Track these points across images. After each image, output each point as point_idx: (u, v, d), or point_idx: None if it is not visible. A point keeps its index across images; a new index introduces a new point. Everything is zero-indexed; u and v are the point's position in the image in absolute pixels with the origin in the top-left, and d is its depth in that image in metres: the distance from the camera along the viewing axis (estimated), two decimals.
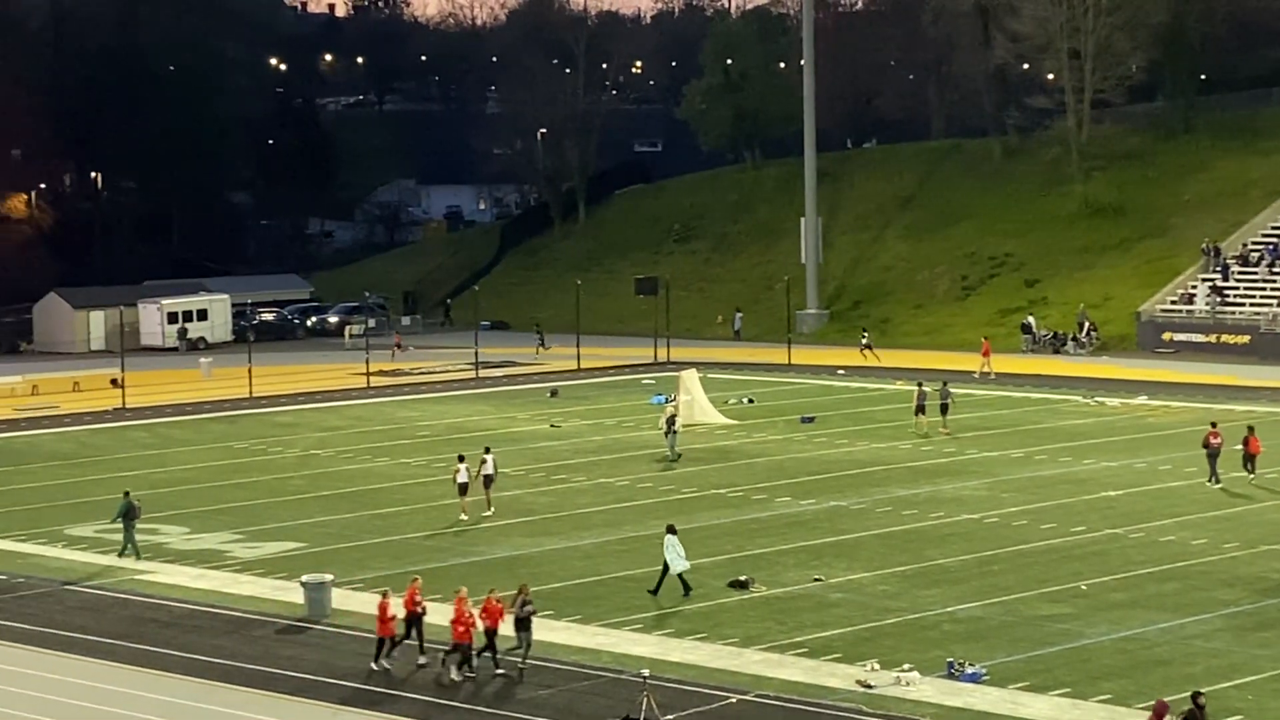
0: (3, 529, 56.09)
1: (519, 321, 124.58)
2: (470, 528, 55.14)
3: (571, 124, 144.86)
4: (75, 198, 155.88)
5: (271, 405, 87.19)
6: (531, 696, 37.03)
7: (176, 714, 36.43)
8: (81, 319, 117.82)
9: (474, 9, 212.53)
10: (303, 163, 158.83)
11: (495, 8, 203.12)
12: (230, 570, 49.74)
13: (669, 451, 67.55)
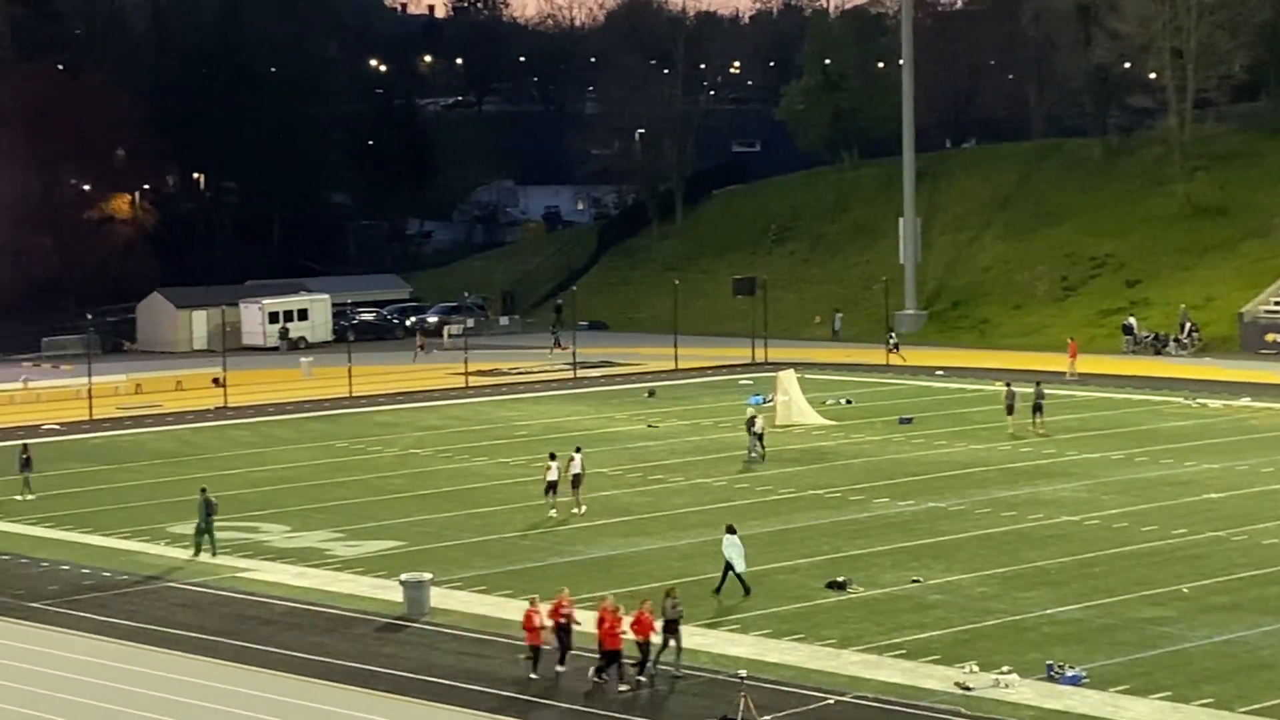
0: (107, 527, 56.62)
1: (617, 322, 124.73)
2: (565, 526, 55.21)
3: (670, 124, 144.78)
4: (178, 198, 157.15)
5: (371, 405, 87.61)
6: (629, 697, 37.05)
7: (277, 711, 36.65)
8: (184, 318, 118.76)
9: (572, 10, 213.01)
10: (402, 163, 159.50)
11: (594, 8, 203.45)
12: (330, 568, 50.01)
13: (749, 453, 67.43)
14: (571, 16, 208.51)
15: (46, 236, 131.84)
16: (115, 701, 37.38)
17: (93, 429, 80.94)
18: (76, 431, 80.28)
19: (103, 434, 79.55)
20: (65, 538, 55.35)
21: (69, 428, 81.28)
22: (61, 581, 49.12)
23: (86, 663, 40.47)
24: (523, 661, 38.74)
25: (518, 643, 41.10)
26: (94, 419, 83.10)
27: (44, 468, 68.64)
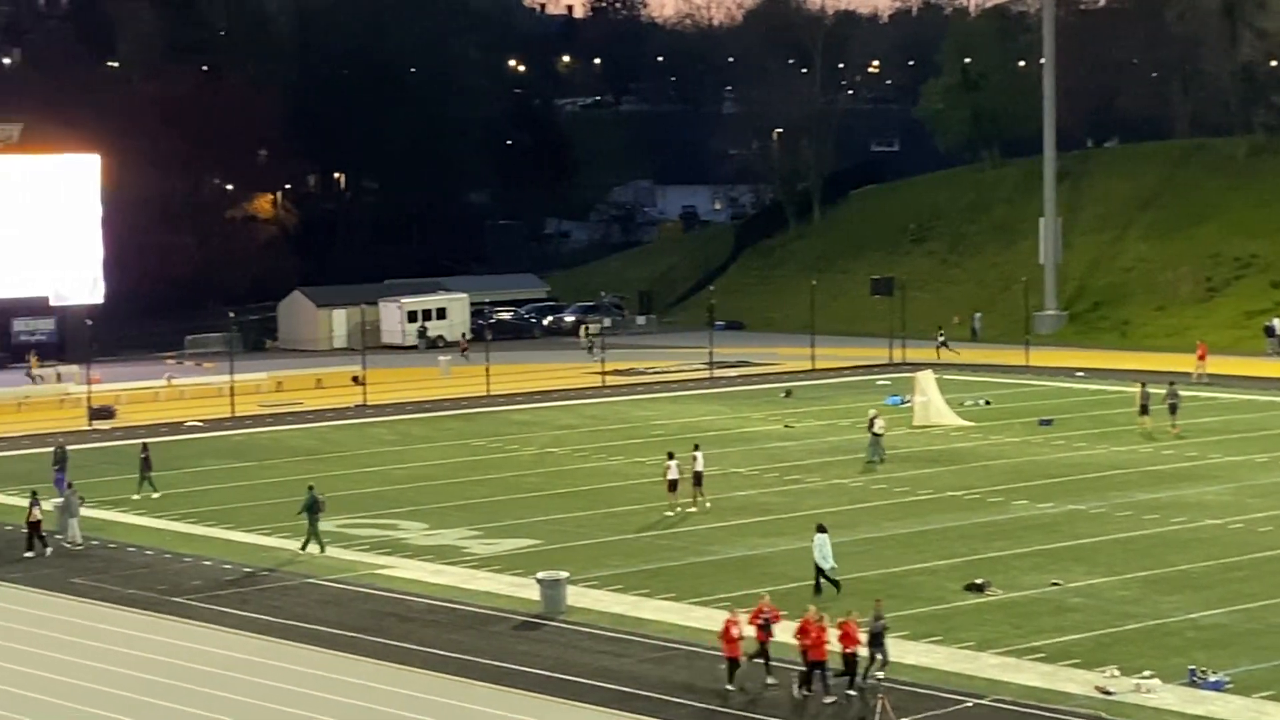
0: (248, 523, 57.18)
1: (754, 322, 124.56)
2: (702, 526, 55.15)
3: (808, 124, 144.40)
4: (319, 198, 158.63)
5: (508, 403, 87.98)
6: (768, 695, 36.97)
7: (415, 707, 36.85)
8: (324, 317, 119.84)
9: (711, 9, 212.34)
10: (540, 163, 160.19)
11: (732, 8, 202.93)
12: (467, 566, 50.24)
13: (869, 454, 67.08)
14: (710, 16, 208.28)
15: (190, 236, 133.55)
16: (255, 696, 37.73)
17: (234, 426, 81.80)
18: (219, 428, 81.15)
19: (244, 431, 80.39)
20: (208, 534, 55.97)
21: (211, 425, 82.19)
22: (204, 577, 49.67)
23: (228, 657, 40.89)
24: (743, 671, 37.71)
25: (653, 641, 41.21)
26: (236, 416, 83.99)
27: (187, 464, 69.60)
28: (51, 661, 40.83)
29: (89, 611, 45.92)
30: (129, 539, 55.15)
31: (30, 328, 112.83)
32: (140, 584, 48.71)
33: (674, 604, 44.92)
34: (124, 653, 41.49)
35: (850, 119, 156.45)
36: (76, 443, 75.86)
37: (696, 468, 58.33)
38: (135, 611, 45.65)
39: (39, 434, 78.78)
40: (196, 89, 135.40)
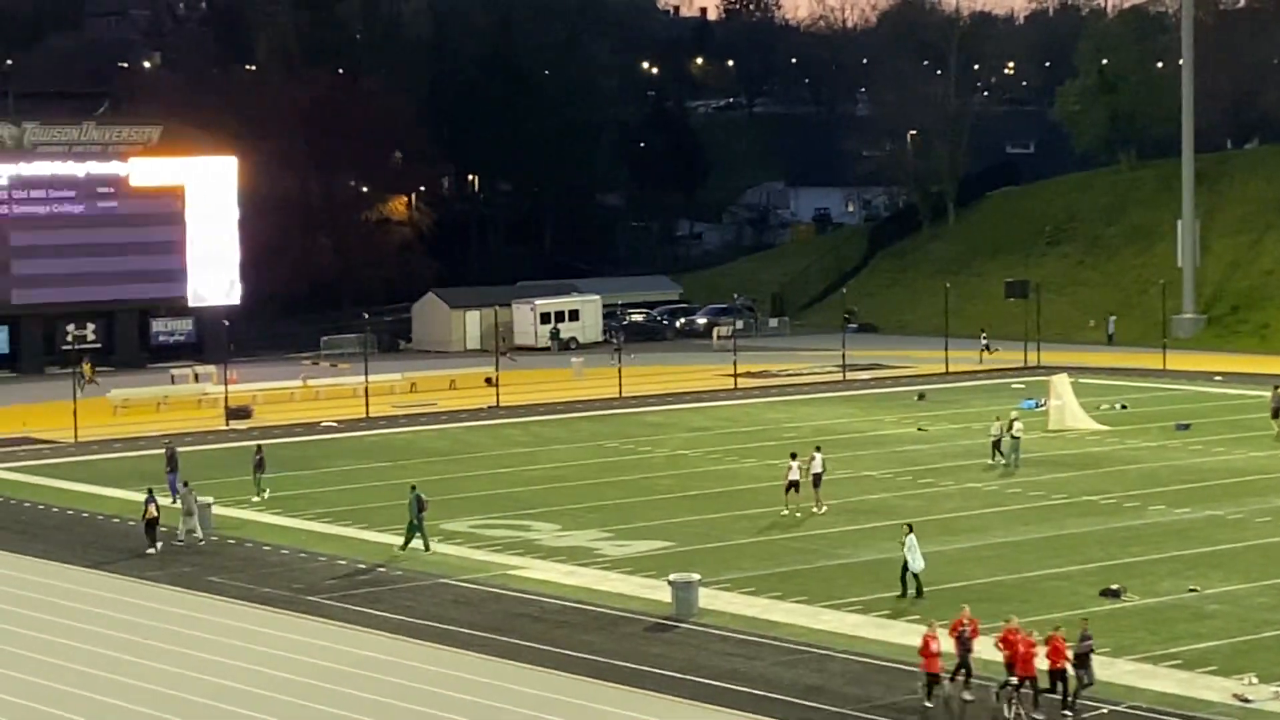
0: (383, 523, 57.54)
1: (887, 324, 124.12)
2: (835, 529, 55.00)
3: (942, 125, 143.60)
4: (453, 200, 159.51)
5: (641, 405, 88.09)
6: (899, 701, 36.81)
7: (547, 707, 36.98)
8: (458, 318, 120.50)
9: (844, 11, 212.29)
10: (673, 165, 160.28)
11: (866, 9, 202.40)
12: (599, 567, 50.34)
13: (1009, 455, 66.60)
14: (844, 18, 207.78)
15: (326, 237, 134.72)
16: (388, 695, 37.99)
17: (369, 426, 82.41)
18: (354, 429, 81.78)
19: (378, 431, 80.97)
20: (342, 533, 56.41)
21: (346, 425, 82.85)
22: (338, 576, 50.09)
23: (361, 656, 41.19)
24: (937, 687, 36.81)
25: (785, 644, 41.13)
26: (370, 417, 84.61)
27: (322, 464, 70.21)
28: (190, 659, 41.31)
29: (226, 610, 46.42)
30: (265, 538, 55.70)
31: (168, 329, 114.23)
32: (276, 583, 49.18)
33: (806, 607, 44.83)
34: (260, 651, 41.90)
35: (985, 121, 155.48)
36: (214, 442, 76.77)
37: (815, 469, 58.46)
38: (271, 610, 46.10)
39: (177, 433, 79.72)
40: (332, 91, 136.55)
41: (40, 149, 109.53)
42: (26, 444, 78.05)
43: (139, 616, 45.82)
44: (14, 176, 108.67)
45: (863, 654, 40.24)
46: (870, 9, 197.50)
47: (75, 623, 45.18)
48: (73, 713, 36.90)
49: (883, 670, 38.94)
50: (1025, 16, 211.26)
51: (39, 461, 72.91)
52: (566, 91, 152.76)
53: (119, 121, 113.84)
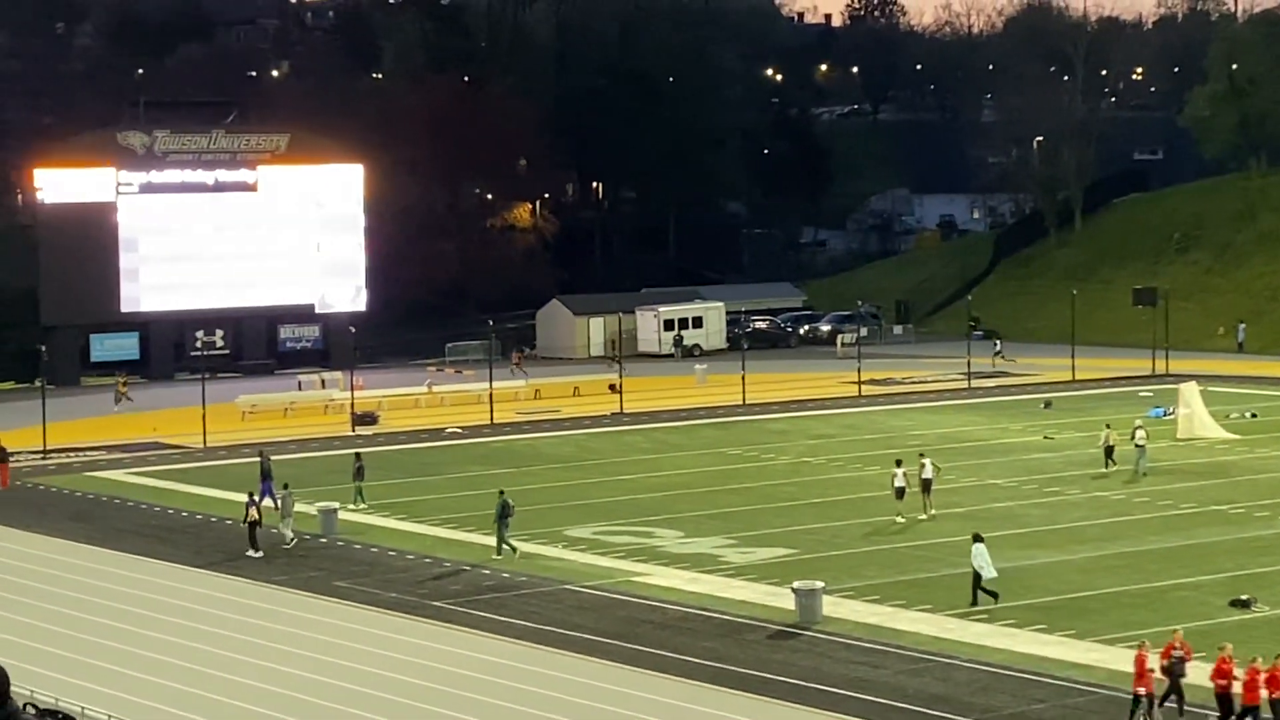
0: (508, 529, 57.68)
1: (1013, 331, 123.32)
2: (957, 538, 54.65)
3: (1069, 131, 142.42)
4: (577, 207, 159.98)
5: (764, 412, 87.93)
6: (1024, 710, 36.55)
7: (669, 714, 37.01)
8: (582, 325, 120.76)
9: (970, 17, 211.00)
10: (797, 172, 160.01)
11: (992, 15, 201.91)
12: (723, 574, 50.30)
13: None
14: (969, 23, 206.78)
15: (451, 244, 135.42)
16: (511, 700, 38.13)
17: (493, 433, 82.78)
18: (477, 435, 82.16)
19: (502, 438, 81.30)
20: (467, 539, 56.65)
21: (470, 431, 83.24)
22: (463, 582, 50.32)
23: (485, 662, 41.38)
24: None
25: (909, 653, 40.91)
26: (494, 423, 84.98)
27: (447, 470, 70.59)
28: (316, 663, 41.64)
29: (353, 614, 46.75)
30: (390, 543, 56.05)
31: (295, 335, 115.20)
32: (401, 588, 49.48)
33: (931, 615, 44.61)
34: (386, 655, 42.17)
35: (1112, 127, 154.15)
36: (340, 448, 77.29)
37: (925, 475, 58.76)
38: (397, 615, 46.38)
39: (303, 439, 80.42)
40: (458, 100, 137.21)
41: (170, 157, 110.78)
42: (156, 449, 78.99)
43: (266, 620, 46.24)
44: (144, 183, 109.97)
45: (988, 663, 40.00)
46: (996, 14, 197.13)
47: (203, 625, 45.65)
48: (201, 714, 37.26)
49: (1008, 679, 38.68)
50: (1153, 22, 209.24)
51: (168, 466, 73.73)
52: (690, 98, 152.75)
53: (248, 130, 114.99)
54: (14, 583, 51.93)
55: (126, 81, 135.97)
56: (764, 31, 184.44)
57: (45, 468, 73.96)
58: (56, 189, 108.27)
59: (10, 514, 63.47)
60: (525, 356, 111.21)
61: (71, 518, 62.67)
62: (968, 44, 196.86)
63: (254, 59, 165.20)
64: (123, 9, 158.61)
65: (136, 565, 54.34)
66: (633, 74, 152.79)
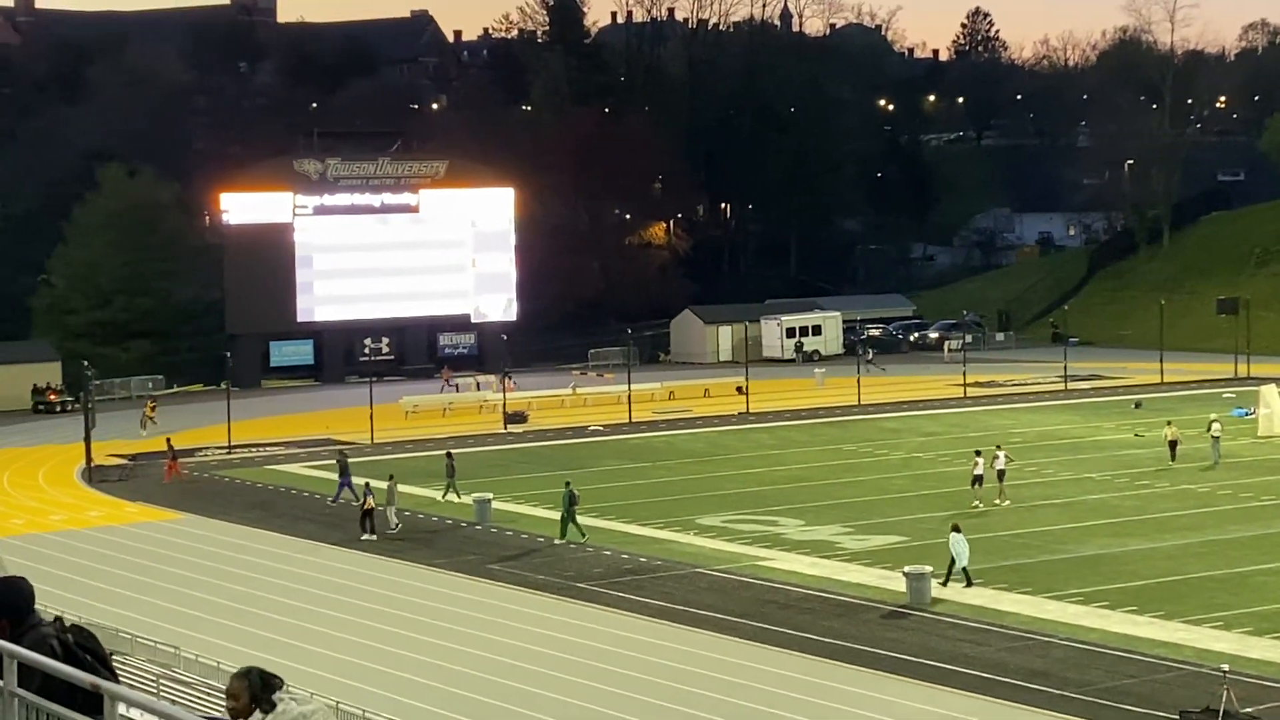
0: (643, 517, 57.97)
1: (1105, 339, 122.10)
2: (1057, 526, 54.28)
3: (1157, 155, 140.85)
4: (707, 225, 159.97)
5: (878, 412, 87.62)
6: (1116, 685, 36.27)
7: (790, 686, 36.99)
8: (711, 333, 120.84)
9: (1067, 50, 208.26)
10: (907, 193, 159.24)
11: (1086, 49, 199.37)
12: (840, 559, 50.21)
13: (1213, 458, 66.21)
14: (1065, 57, 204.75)
15: (593, 259, 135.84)
16: (648, 673, 38.26)
17: (631, 430, 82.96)
18: (617, 432, 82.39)
19: (640, 435, 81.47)
20: (608, 526, 56.83)
21: (611, 429, 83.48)
22: (605, 565, 50.50)
23: (624, 638, 41.54)
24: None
25: (1011, 631, 40.66)
26: (632, 421, 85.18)
27: (590, 464, 70.80)
28: (473, 639, 41.97)
29: (505, 594, 47.07)
30: (538, 530, 56.33)
31: (453, 342, 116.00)
32: (549, 571, 49.75)
33: (1030, 597, 44.32)
34: (535, 632, 42.43)
35: (1197, 150, 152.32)
36: (494, 444, 77.75)
37: (999, 466, 59.18)
38: (545, 595, 46.64)
39: (460, 435, 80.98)
40: (599, 129, 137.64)
41: (341, 182, 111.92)
42: (328, 444, 79.78)
43: (427, 599, 46.65)
44: (318, 206, 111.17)
45: (1083, 641, 39.71)
46: (1090, 48, 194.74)
47: (372, 604, 46.13)
48: (373, 685, 37.68)
49: (1101, 657, 38.38)
50: (1235, 54, 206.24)
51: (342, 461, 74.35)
52: (810, 126, 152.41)
53: (410, 157, 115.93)
54: (203, 565, 52.71)
55: (302, 114, 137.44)
56: (877, 65, 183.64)
57: (230, 462, 74.97)
58: (240, 211, 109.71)
59: (199, 504, 64.43)
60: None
61: (253, 506, 63.51)
62: (1064, 75, 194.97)
63: (416, 93, 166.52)
64: (298, 49, 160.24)
65: (311, 550, 54.99)
66: (757, 104, 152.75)
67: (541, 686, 37.36)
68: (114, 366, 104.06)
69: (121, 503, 65.64)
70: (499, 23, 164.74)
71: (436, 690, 37.21)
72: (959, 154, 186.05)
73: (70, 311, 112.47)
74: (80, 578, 50.58)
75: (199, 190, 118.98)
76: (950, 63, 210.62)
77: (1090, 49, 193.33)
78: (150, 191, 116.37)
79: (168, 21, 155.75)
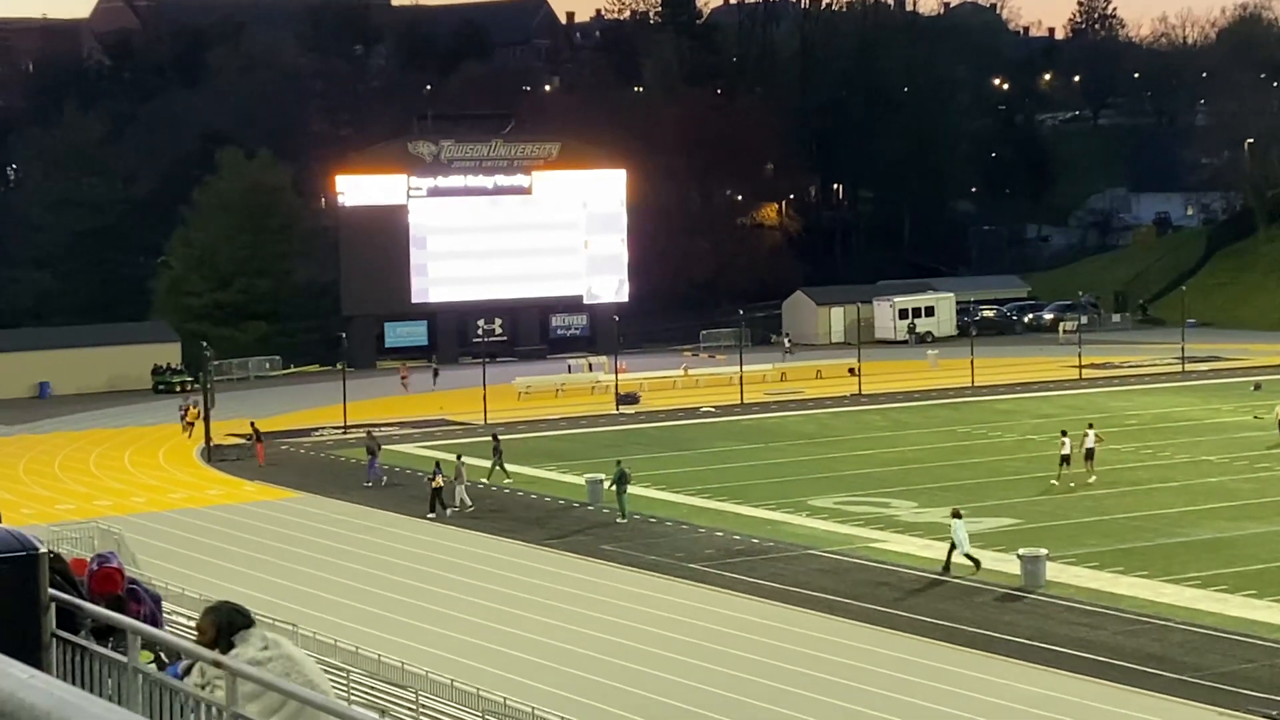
0: (755, 498, 57.95)
1: (1224, 320, 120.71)
2: (1173, 509, 53.74)
3: (1277, 134, 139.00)
4: (819, 206, 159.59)
5: (991, 394, 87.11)
6: (1234, 670, 35.89)
7: (904, 668, 36.88)
8: (824, 314, 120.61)
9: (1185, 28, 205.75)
10: (1021, 173, 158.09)
11: (1205, 27, 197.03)
12: None
13: None
14: (1184, 34, 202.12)
15: (705, 241, 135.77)
16: (761, 654, 38.26)
17: (743, 412, 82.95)
18: (729, 414, 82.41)
19: (751, 416, 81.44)
20: (720, 508, 56.87)
21: (722, 410, 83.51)
22: (716, 546, 50.54)
23: (736, 619, 41.56)
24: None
25: (1127, 615, 40.33)
26: (744, 403, 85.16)
27: (701, 445, 70.88)
28: (586, 618, 42.14)
29: (618, 574, 47.24)
30: (650, 510, 56.46)
31: (566, 323, 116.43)
32: (660, 551, 49.85)
33: (1147, 581, 43.94)
34: (648, 612, 42.55)
35: None
36: (606, 425, 77.99)
37: (1088, 444, 59.76)
38: (657, 575, 46.76)
39: (573, 416, 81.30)
40: (711, 110, 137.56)
41: (455, 164, 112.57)
42: (443, 425, 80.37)
43: (543, 580, 46.87)
44: (432, 188, 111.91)
45: (1201, 625, 39.33)
46: (1209, 25, 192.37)
47: (489, 584, 46.41)
48: (486, 664, 37.94)
49: (1219, 641, 38.01)
50: None
51: (454, 441, 74.73)
52: (924, 107, 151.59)
53: (523, 139, 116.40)
54: (320, 544, 53.26)
55: (416, 97, 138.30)
56: (992, 44, 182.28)
57: (346, 441, 75.60)
58: (355, 193, 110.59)
59: (316, 483, 65.07)
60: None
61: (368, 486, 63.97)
62: (1182, 53, 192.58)
63: (529, 75, 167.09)
64: (412, 32, 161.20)
65: (427, 529, 55.39)
66: (870, 85, 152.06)
67: (653, 666, 37.47)
68: (232, 347, 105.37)
69: (240, 481, 66.45)
70: (611, 4, 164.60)
71: (548, 669, 37.41)
72: (1075, 133, 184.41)
73: (189, 293, 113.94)
74: (201, 555, 51.27)
75: (315, 173, 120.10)
76: (1066, 41, 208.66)
77: (1209, 26, 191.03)
78: (267, 174, 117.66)
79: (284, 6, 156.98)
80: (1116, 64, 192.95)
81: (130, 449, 76.12)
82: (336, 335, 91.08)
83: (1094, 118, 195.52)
